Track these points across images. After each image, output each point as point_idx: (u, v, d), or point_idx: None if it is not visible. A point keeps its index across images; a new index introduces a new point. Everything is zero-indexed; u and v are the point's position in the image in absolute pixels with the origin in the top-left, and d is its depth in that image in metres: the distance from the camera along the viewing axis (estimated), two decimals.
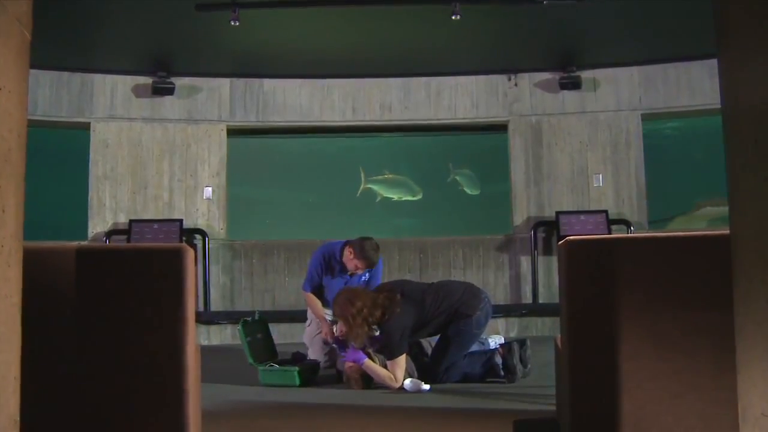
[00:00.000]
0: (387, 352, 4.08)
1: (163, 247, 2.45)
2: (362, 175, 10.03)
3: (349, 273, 4.96)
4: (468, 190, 11.12)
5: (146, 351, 2.37)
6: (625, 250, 2.40)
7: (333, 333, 4.74)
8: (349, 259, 4.84)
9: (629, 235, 6.72)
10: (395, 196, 11.04)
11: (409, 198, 10.92)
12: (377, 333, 4.09)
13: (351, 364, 4.19)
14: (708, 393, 2.25)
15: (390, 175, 10.58)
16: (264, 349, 4.67)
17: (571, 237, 2.48)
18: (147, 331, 2.38)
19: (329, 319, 4.86)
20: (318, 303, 5.07)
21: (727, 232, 2.19)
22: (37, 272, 2.36)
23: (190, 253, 2.47)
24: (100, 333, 2.36)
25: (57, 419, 2.32)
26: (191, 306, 2.48)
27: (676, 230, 8.08)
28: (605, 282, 2.37)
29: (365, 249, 4.79)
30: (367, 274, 4.99)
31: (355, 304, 4.04)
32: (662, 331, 2.31)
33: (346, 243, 4.93)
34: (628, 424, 2.31)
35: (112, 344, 2.36)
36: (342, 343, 4.71)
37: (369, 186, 10.52)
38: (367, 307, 4.03)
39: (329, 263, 5.02)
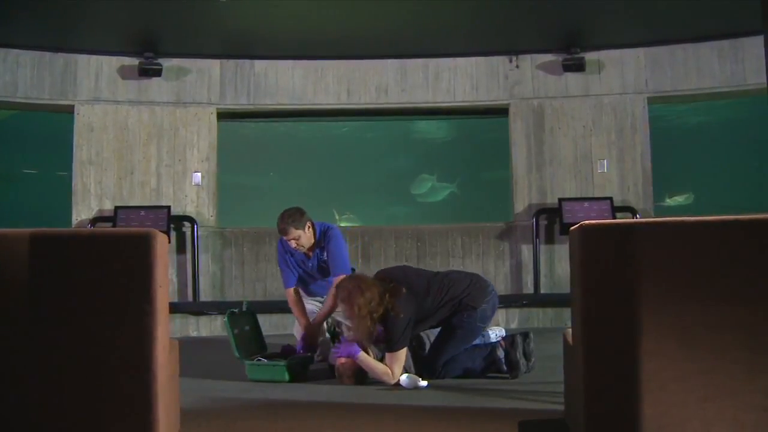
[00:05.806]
0: (388, 343, 3.83)
1: (129, 233, 2.19)
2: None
3: (304, 253, 4.82)
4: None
5: (109, 347, 2.12)
6: (647, 236, 2.15)
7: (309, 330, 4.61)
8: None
9: (651, 219, 6.40)
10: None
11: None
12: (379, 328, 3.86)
13: (344, 360, 3.93)
14: (741, 397, 2.01)
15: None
16: (252, 342, 4.46)
17: (587, 221, 2.23)
18: (110, 326, 2.13)
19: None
20: (297, 304, 4.88)
21: (764, 216, 1.95)
22: None
23: (161, 238, 2.22)
24: (57, 328, 2.11)
25: (10, 422, 2.08)
26: (162, 297, 2.23)
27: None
28: (624, 272, 2.12)
29: (278, 219, 4.71)
30: (325, 254, 4.81)
31: (365, 294, 3.76)
32: (688, 326, 2.07)
33: None
34: (650, 429, 2.06)
35: (71, 339, 2.11)
36: (306, 343, 4.53)
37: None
38: (375, 300, 3.77)
39: (288, 249, 4.88)
